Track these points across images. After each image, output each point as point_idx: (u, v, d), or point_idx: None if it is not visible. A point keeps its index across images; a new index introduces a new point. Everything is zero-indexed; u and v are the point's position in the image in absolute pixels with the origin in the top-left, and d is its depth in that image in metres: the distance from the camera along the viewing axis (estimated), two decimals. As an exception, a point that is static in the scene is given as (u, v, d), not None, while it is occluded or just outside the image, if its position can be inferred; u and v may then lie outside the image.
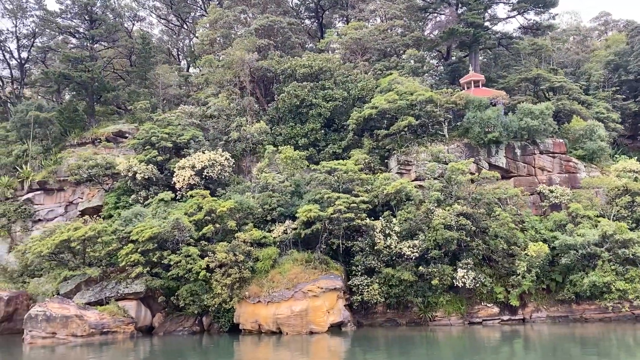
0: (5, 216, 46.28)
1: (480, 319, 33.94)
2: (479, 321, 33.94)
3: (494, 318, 34.02)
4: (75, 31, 50.00)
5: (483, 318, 33.95)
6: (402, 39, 51.52)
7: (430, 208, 34.03)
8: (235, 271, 31.61)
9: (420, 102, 39.94)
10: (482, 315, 33.98)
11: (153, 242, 32.63)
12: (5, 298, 36.19)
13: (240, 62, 46.63)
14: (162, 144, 41.44)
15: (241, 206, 35.72)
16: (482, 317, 33.94)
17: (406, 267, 33.10)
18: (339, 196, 34.00)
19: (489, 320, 33.96)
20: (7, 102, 55.85)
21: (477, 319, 33.94)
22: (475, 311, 34.07)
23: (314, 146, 44.05)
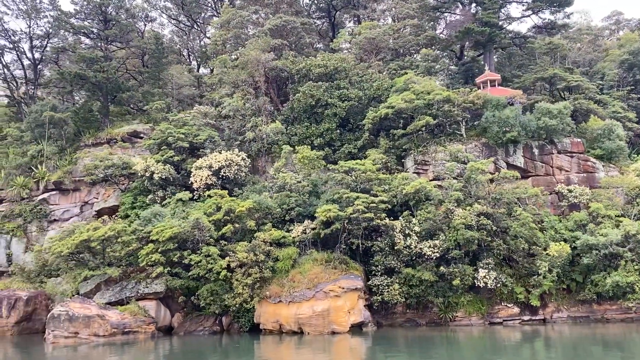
0: (21, 216, 46.41)
1: (501, 319, 33.79)
2: (500, 321, 33.78)
3: (514, 318, 33.87)
4: (89, 31, 50.04)
5: (504, 318, 33.79)
6: (416, 38, 51.40)
7: (450, 208, 33.88)
8: (256, 271, 31.59)
9: (437, 101, 39.80)
10: (503, 316, 33.83)
11: (173, 242, 32.64)
12: (24, 298, 36.26)
13: (255, 62, 46.60)
14: (179, 144, 41.48)
15: (260, 206, 35.69)
16: (503, 318, 33.79)
17: (426, 267, 32.99)
18: (358, 196, 33.91)
19: (510, 321, 33.81)
20: (21, 102, 55.94)
21: (498, 319, 33.78)
22: (495, 311, 33.92)
23: (330, 146, 43.95)
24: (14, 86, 56.29)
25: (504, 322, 33.78)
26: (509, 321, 33.78)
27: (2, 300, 36.05)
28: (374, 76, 46.23)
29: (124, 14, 51.52)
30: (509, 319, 33.79)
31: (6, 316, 35.70)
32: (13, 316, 35.69)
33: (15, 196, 47.04)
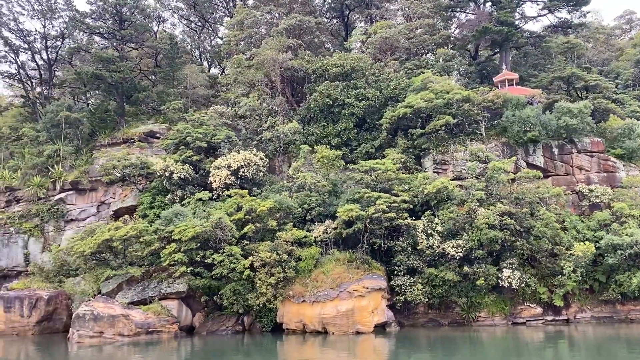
0: (38, 216, 46.46)
1: (524, 319, 33.64)
2: (523, 321, 33.64)
3: (537, 318, 33.72)
4: (105, 32, 50.06)
5: (527, 318, 33.65)
6: (431, 38, 51.28)
7: (472, 207, 33.73)
8: (279, 270, 31.52)
9: (457, 100, 39.68)
10: (526, 316, 33.68)
11: (195, 241, 32.59)
12: (45, 297, 36.28)
13: (272, 62, 46.55)
14: (197, 144, 41.46)
15: (280, 206, 35.61)
16: (526, 318, 33.64)
17: (449, 267, 32.86)
18: (380, 195, 33.80)
19: (533, 321, 33.66)
20: (36, 102, 56.04)
21: (521, 319, 33.63)
22: (518, 311, 33.77)
23: (347, 146, 43.85)
24: (29, 86, 56.39)
25: (527, 322, 33.63)
26: (532, 321, 33.63)
27: (23, 299, 36.08)
28: (391, 75, 46.12)
29: (139, 14, 51.52)
30: (532, 319, 33.64)
31: (27, 316, 35.73)
32: (34, 316, 35.71)
33: (32, 196, 47.10)
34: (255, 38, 56.36)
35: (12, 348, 31.78)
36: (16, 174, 48.82)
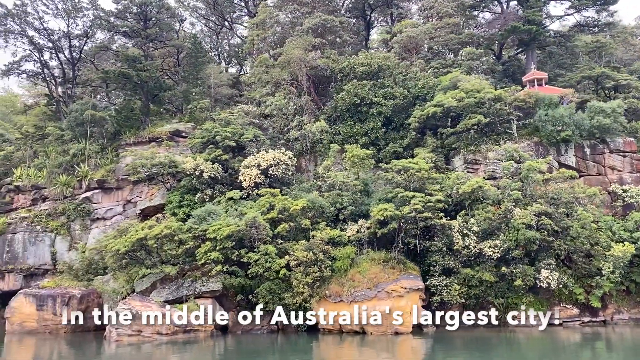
0: (65, 214, 46.55)
1: (560, 320, 33.34)
2: (559, 323, 33.34)
3: (574, 319, 33.43)
4: (131, 31, 50.09)
5: (563, 319, 33.35)
6: (457, 37, 51.02)
7: (508, 207, 33.46)
8: (316, 270, 31.38)
9: (488, 100, 39.42)
10: (562, 317, 33.37)
11: (230, 240, 32.49)
12: (77, 296, 36.25)
13: (299, 61, 46.43)
14: (226, 143, 41.37)
15: (313, 205, 35.46)
16: (562, 319, 33.34)
17: (485, 268, 32.62)
18: (414, 195, 33.57)
19: (569, 322, 33.38)
20: (60, 101, 56.18)
21: (557, 320, 33.32)
22: (554, 312, 33.44)
23: (374, 145, 43.60)
24: (53, 85, 56.54)
25: (563, 323, 33.36)
26: (568, 322, 33.35)
27: (56, 298, 36.08)
28: (419, 75, 45.89)
29: (164, 13, 51.52)
30: (569, 320, 33.35)
31: (60, 314, 35.66)
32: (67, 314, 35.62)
33: (58, 194, 47.18)
34: (277, 37, 56.33)
35: (51, 346, 31.85)
36: (42, 172, 48.92)
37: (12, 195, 50.02)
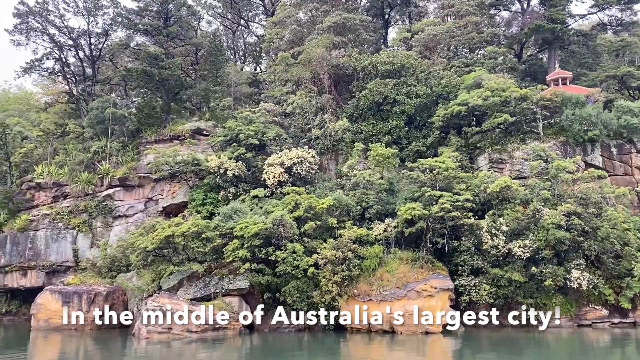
0: (87, 212, 46.70)
1: (589, 321, 33.04)
2: (588, 323, 33.04)
3: (603, 320, 33.07)
4: (151, 29, 50.12)
5: (592, 320, 33.04)
6: (479, 35, 50.70)
7: (537, 207, 33.19)
8: (344, 268, 31.25)
9: (514, 99, 39.14)
10: (591, 318, 33.06)
11: (258, 238, 32.42)
12: (103, 293, 36.34)
13: (320, 59, 46.32)
14: (250, 141, 41.35)
15: (339, 204, 35.32)
16: (591, 320, 33.03)
17: (514, 268, 32.37)
18: (442, 194, 33.39)
19: (599, 323, 33.03)
20: (80, 99, 56.35)
21: (586, 321, 33.03)
22: (583, 313, 33.16)
23: (396, 144, 43.41)
24: (73, 83, 56.72)
25: (592, 324, 33.04)
26: (598, 323, 33.02)
27: (82, 294, 36.17)
28: (442, 73, 45.64)
29: (184, 11, 51.53)
30: (598, 321, 33.02)
31: (86, 311, 35.78)
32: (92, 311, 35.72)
33: (79, 192, 47.32)
34: (296, 36, 56.21)
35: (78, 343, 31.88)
36: (63, 170, 49.07)
37: (33, 192, 50.28)
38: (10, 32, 52.74)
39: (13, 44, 53.26)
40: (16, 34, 52.67)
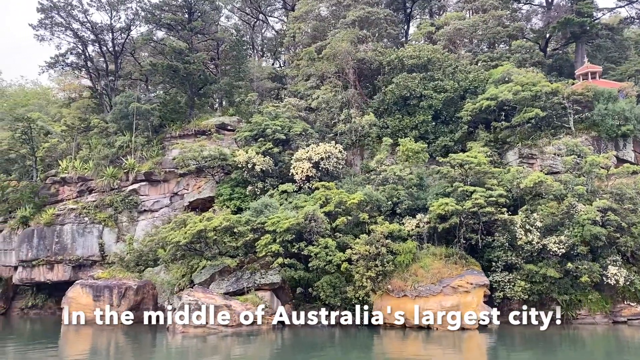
0: (112, 206, 46.88)
1: (625, 318, 32.65)
2: (624, 320, 32.67)
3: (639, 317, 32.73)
4: (175, 23, 50.03)
5: (628, 317, 32.64)
6: (504, 29, 50.16)
7: (572, 203, 32.83)
8: (377, 264, 31.12)
9: (545, 93, 38.69)
10: (627, 315, 32.67)
11: (290, 233, 32.36)
12: (134, 287, 36.48)
13: (346, 54, 46.04)
14: (277, 136, 41.26)
15: (370, 199, 35.16)
16: (627, 317, 32.63)
17: (548, 264, 32.07)
18: (475, 189, 33.15)
19: (635, 320, 32.63)
20: (103, 94, 56.50)
21: (622, 318, 32.65)
22: (618, 310, 32.80)
23: (423, 139, 43.08)
24: (96, 78, 56.86)
25: (628, 321, 32.66)
26: (634, 320, 32.61)
27: (113, 289, 36.33)
28: (469, 68, 45.23)
29: (207, 5, 51.39)
30: (634, 318, 32.61)
31: (117, 305, 35.93)
32: (123, 305, 35.89)
33: (105, 186, 47.52)
34: (318, 30, 55.90)
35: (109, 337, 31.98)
36: (87, 164, 49.28)
37: (58, 187, 50.56)
38: (34, 27, 52.95)
39: (37, 39, 53.51)
40: (40, 29, 52.87)
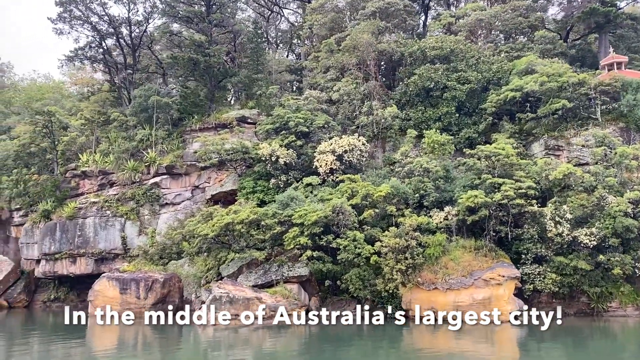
0: (134, 199, 46.97)
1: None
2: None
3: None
4: (194, 15, 49.82)
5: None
6: (526, 20, 49.58)
7: (602, 194, 32.51)
8: (407, 256, 30.99)
9: (572, 84, 38.24)
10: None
11: (318, 226, 32.27)
12: (160, 280, 36.57)
13: (367, 45, 45.70)
14: (300, 129, 41.10)
15: (397, 191, 34.97)
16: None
17: (579, 256, 31.83)
18: (504, 181, 32.88)
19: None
20: (121, 87, 56.49)
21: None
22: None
23: (447, 131, 42.74)
24: (115, 71, 56.83)
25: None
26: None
27: (139, 281, 36.43)
28: (492, 59, 44.78)
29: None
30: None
31: (144, 297, 36.06)
32: (150, 298, 36.02)
33: (126, 180, 47.58)
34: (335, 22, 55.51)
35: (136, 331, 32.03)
36: (108, 158, 49.34)
37: (78, 181, 50.68)
38: (53, 21, 52.93)
39: (55, 33, 53.48)
40: (59, 23, 52.81)
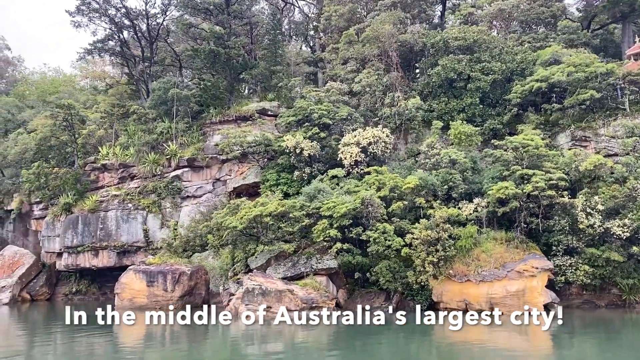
0: (155, 192, 46.97)
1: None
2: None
3: (702, 302, 32.25)
4: (213, 7, 49.50)
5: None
6: (548, 10, 49.00)
7: (635, 185, 32.19)
8: (439, 248, 30.83)
9: (600, 74, 37.80)
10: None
11: (347, 218, 32.13)
12: (187, 272, 36.67)
13: (389, 36, 45.30)
14: (323, 121, 40.86)
15: (425, 183, 34.75)
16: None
17: (611, 247, 31.59)
18: (535, 173, 32.60)
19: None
20: (139, 80, 56.32)
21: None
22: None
23: (471, 122, 42.33)
24: (133, 64, 56.65)
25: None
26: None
27: (166, 274, 36.53)
28: (516, 49, 44.31)
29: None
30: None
31: (171, 290, 36.19)
32: (177, 290, 36.15)
33: (147, 173, 47.62)
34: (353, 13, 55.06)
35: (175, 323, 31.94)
36: (128, 151, 49.30)
37: (97, 174, 50.80)
38: (71, 14, 52.73)
39: (73, 25, 53.33)
40: (77, 15, 52.63)
